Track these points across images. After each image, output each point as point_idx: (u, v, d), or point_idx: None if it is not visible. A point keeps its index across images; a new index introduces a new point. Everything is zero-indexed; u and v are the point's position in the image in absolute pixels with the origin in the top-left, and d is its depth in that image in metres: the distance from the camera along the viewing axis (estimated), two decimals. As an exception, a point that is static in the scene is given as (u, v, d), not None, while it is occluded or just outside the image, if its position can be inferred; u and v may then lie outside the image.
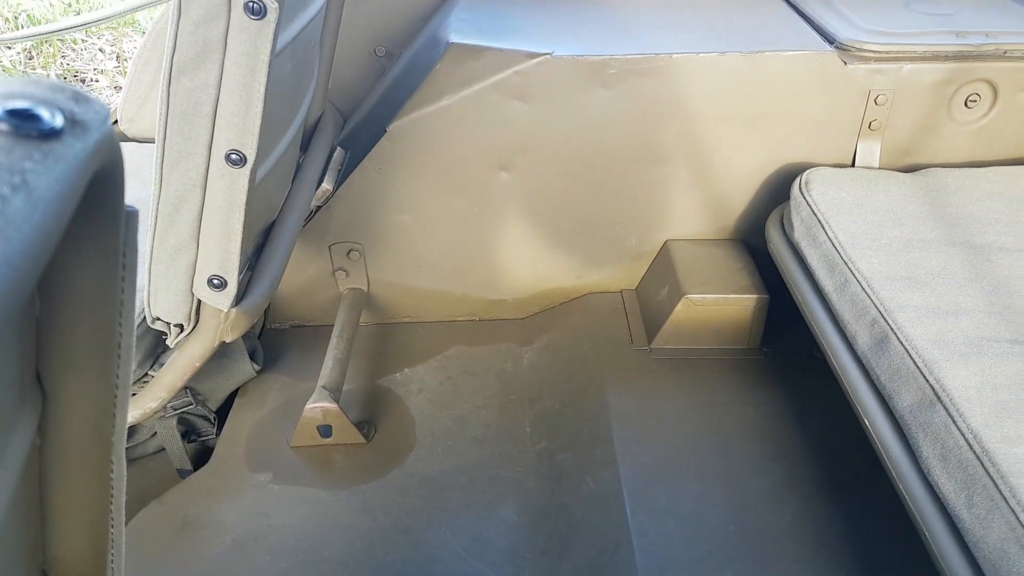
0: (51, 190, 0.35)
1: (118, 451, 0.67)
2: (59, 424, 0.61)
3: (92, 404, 0.62)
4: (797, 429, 1.62)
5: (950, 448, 1.02)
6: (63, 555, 0.67)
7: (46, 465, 0.62)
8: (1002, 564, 0.89)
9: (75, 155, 0.36)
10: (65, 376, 0.60)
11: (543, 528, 1.50)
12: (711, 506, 1.47)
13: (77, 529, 0.67)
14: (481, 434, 1.73)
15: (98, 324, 0.60)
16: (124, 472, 0.69)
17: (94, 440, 0.64)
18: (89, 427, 0.62)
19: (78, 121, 0.37)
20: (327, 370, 1.68)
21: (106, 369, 0.61)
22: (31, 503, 0.63)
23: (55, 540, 0.66)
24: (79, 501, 0.65)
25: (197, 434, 1.73)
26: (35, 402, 0.59)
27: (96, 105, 0.38)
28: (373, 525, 1.49)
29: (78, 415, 0.61)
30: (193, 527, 1.47)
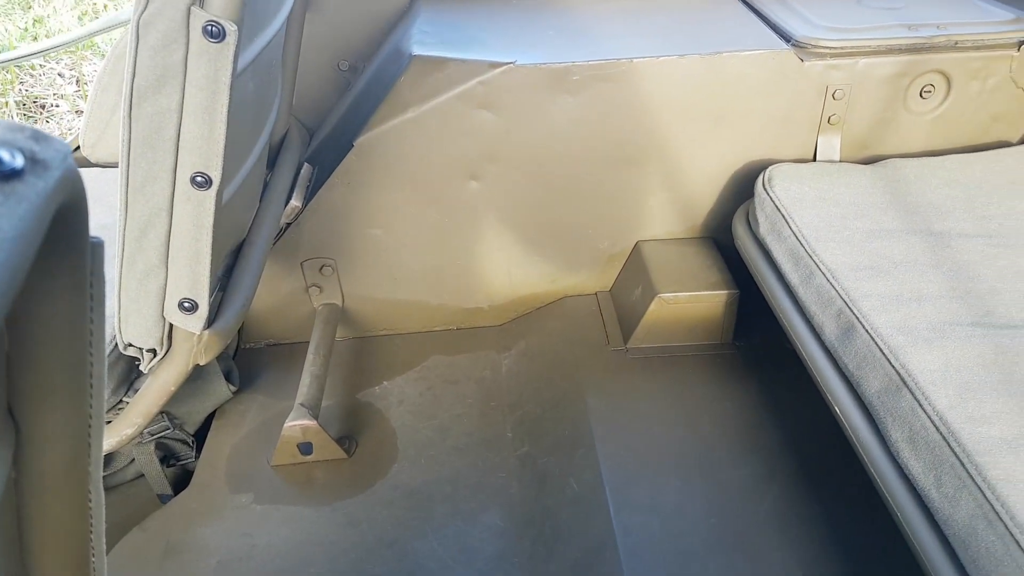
0: (15, 229, 0.35)
1: (95, 481, 0.67)
2: (34, 457, 0.61)
3: (66, 435, 0.62)
4: (772, 421, 1.65)
5: (917, 431, 1.04)
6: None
7: (23, 498, 0.63)
8: (971, 540, 0.92)
9: (37, 194, 0.37)
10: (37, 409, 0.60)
11: (528, 533, 1.51)
12: (692, 500, 1.49)
13: (58, 561, 0.67)
14: (463, 443, 1.74)
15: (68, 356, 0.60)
16: (103, 501, 0.70)
17: (71, 471, 0.64)
18: (65, 458, 0.63)
19: (39, 160, 0.38)
20: (304, 387, 1.68)
21: (79, 400, 0.62)
22: (10, 537, 0.63)
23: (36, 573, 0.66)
24: (59, 533, 0.65)
25: (176, 458, 1.72)
26: (7, 436, 0.59)
27: (56, 143, 0.38)
28: (358, 539, 1.49)
29: (53, 447, 0.61)
30: (176, 552, 1.46)
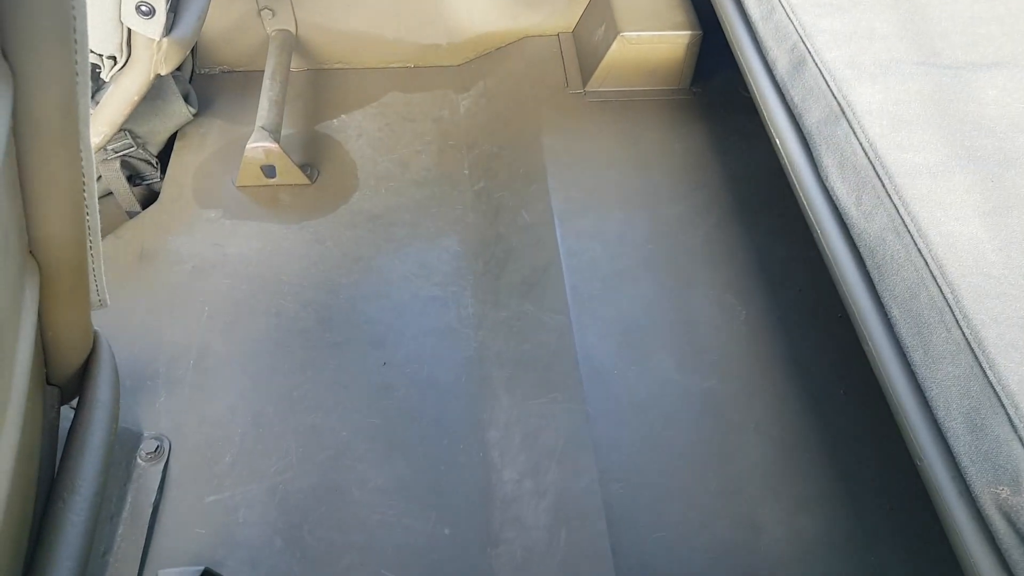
0: None
1: (85, 139, 0.72)
2: (29, 104, 0.65)
3: (56, 85, 0.65)
4: (718, 161, 1.75)
5: (848, 156, 1.14)
6: (47, 237, 0.74)
7: (22, 146, 0.67)
8: (879, 248, 1.05)
9: None
10: (28, 53, 0.63)
11: (482, 254, 1.63)
12: (633, 229, 1.61)
13: (56, 211, 0.73)
14: (422, 177, 1.80)
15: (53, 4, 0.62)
16: (93, 162, 0.75)
17: (63, 123, 0.68)
18: (57, 108, 0.66)
19: None
20: (263, 111, 1.69)
21: (65, 50, 0.64)
22: (13, 185, 0.68)
23: (38, 222, 0.73)
24: (55, 183, 0.71)
25: (141, 178, 1.75)
26: (6, 78, 0.62)
27: None
28: (325, 254, 1.60)
29: (45, 95, 0.65)
30: (151, 257, 1.55)
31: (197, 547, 1.20)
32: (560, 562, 1.17)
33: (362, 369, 1.42)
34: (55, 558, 0.73)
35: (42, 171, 0.69)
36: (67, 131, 0.68)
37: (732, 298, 1.50)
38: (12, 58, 0.62)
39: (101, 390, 0.85)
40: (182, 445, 1.30)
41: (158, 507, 1.23)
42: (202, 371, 1.39)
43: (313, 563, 1.19)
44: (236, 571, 1.18)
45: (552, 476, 1.27)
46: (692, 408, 1.34)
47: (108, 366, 0.88)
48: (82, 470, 0.79)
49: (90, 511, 0.78)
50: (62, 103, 0.66)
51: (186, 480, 1.27)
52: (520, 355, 1.44)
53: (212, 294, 1.50)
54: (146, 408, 1.34)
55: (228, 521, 1.23)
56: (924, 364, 0.92)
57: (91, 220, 0.77)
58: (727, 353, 1.41)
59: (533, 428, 1.33)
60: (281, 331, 1.47)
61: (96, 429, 0.83)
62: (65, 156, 0.70)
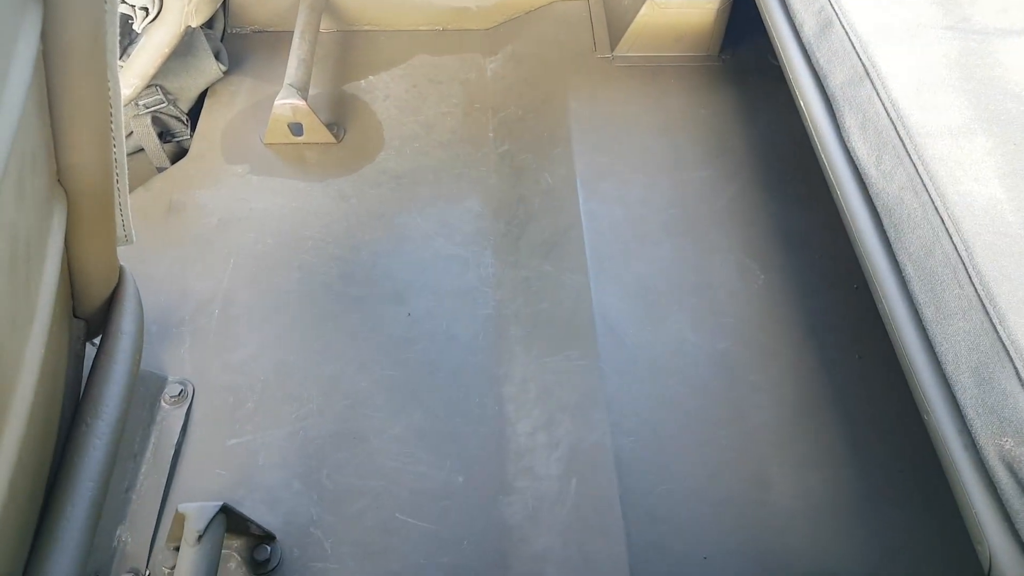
0: None
1: (112, 70, 0.74)
2: (58, 30, 0.67)
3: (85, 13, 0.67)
4: (743, 127, 1.74)
5: (870, 117, 1.13)
6: (74, 164, 0.76)
7: (51, 71, 0.69)
8: (896, 208, 1.04)
9: None
10: None
11: (504, 215, 1.64)
12: (655, 194, 1.62)
13: (83, 139, 0.75)
14: (447, 139, 1.81)
15: None
16: (120, 94, 0.77)
17: (91, 51, 0.70)
18: (85, 37, 0.69)
19: None
20: (292, 69, 1.71)
21: None
22: (42, 109, 0.71)
23: (66, 149, 0.75)
24: (82, 111, 0.73)
25: (172, 135, 1.79)
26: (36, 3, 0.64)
27: None
28: (349, 211, 1.62)
29: (74, 23, 0.67)
30: (180, 210, 1.59)
31: (218, 487, 1.24)
32: (570, 510, 1.19)
33: (382, 323, 1.45)
34: (77, 478, 0.77)
35: (70, 97, 0.72)
36: (95, 59, 0.70)
37: (751, 262, 1.50)
38: None
39: (126, 321, 0.88)
40: (205, 390, 1.34)
41: (180, 448, 1.27)
42: (226, 320, 1.43)
43: (330, 505, 1.23)
44: (254, 510, 1.22)
45: (565, 429, 1.29)
46: (706, 368, 1.35)
47: (133, 299, 0.92)
48: (105, 396, 0.82)
49: (112, 435, 0.82)
50: (90, 31, 0.68)
51: (208, 424, 1.31)
52: (538, 314, 1.45)
53: (238, 247, 1.54)
54: (171, 354, 1.38)
55: (248, 463, 1.27)
56: (935, 320, 0.92)
57: (117, 152, 0.80)
58: (743, 316, 1.42)
59: (548, 384, 1.35)
60: (304, 284, 1.50)
61: (120, 358, 0.86)
62: (93, 84, 0.72)
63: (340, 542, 1.19)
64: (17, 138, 0.57)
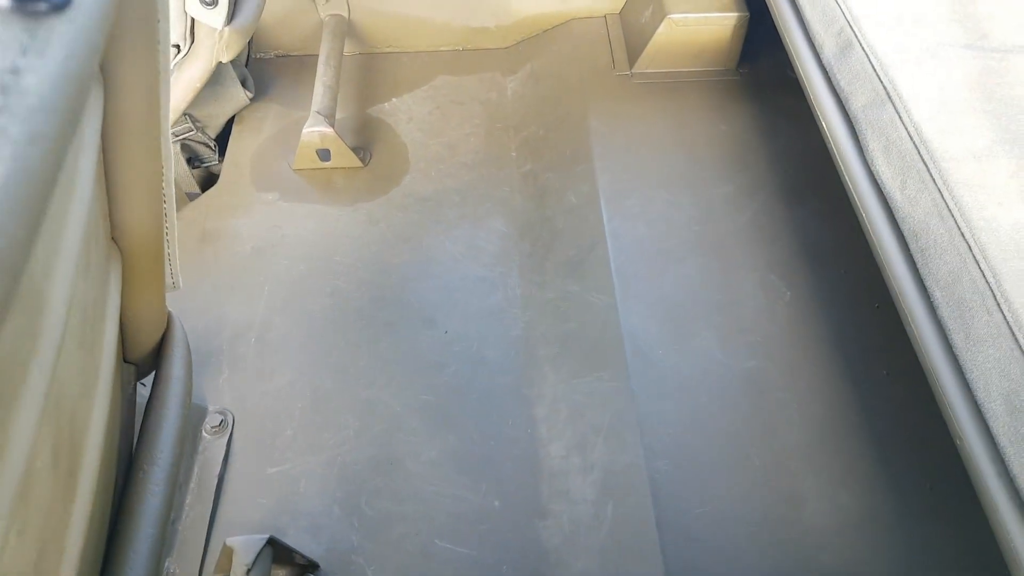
0: None
1: (165, 132, 0.77)
2: (118, 103, 0.70)
3: (141, 85, 0.71)
4: (763, 142, 1.75)
5: (893, 141, 1.14)
6: (129, 224, 0.80)
7: (108, 142, 0.73)
8: (922, 233, 1.06)
9: None
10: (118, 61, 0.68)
11: (529, 235, 1.67)
12: (678, 211, 1.63)
13: (138, 200, 0.79)
14: (470, 159, 1.84)
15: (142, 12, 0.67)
16: (172, 154, 0.80)
17: (147, 120, 0.73)
18: (142, 107, 0.72)
19: None
20: (318, 96, 1.74)
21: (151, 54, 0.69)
22: (100, 177, 0.74)
23: (121, 210, 0.78)
24: (138, 174, 0.77)
25: (200, 160, 1.83)
26: (98, 84, 0.67)
27: None
28: (378, 235, 1.65)
29: (131, 94, 0.70)
30: (213, 238, 1.62)
31: (260, 516, 1.28)
32: (607, 534, 1.22)
33: (414, 346, 1.48)
34: (138, 525, 0.80)
35: (126, 164, 0.75)
36: (150, 126, 0.73)
37: (776, 279, 1.51)
38: (104, 66, 0.68)
39: (176, 366, 0.91)
40: (245, 419, 1.38)
41: (223, 478, 1.30)
42: (263, 348, 1.47)
43: (369, 532, 1.26)
44: (297, 539, 1.25)
45: (598, 452, 1.31)
46: (735, 387, 1.37)
47: (182, 344, 0.95)
48: (160, 442, 0.85)
49: (168, 480, 0.85)
50: (147, 102, 0.71)
51: (249, 452, 1.34)
52: (566, 334, 1.48)
53: (271, 274, 1.57)
54: (210, 383, 1.41)
55: (289, 491, 1.30)
56: (965, 347, 0.93)
57: (168, 208, 0.83)
58: (770, 333, 1.43)
59: (579, 405, 1.38)
60: (337, 310, 1.53)
61: (172, 403, 0.89)
62: (148, 149, 0.75)
63: (382, 569, 1.23)
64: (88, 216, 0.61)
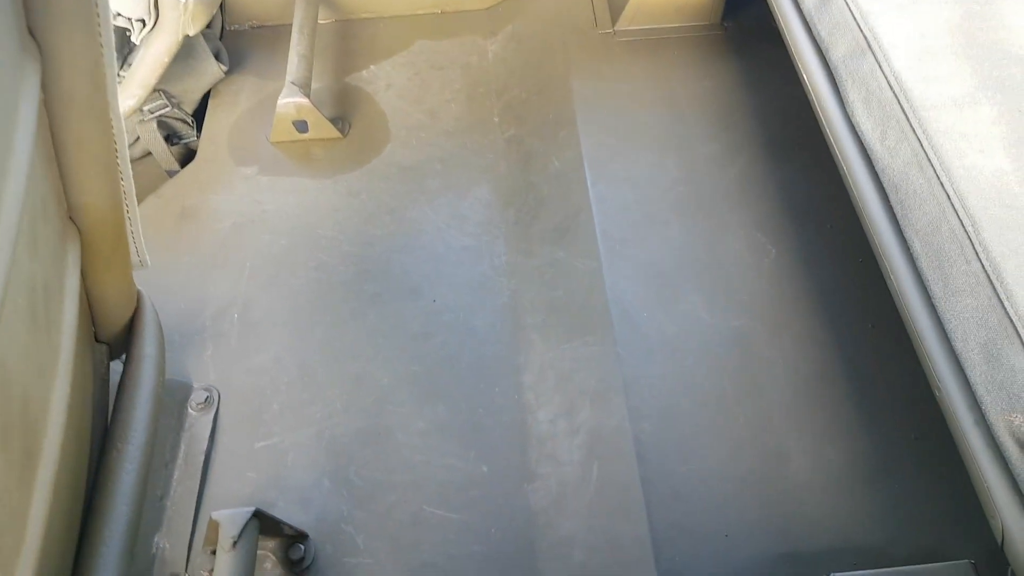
0: None
1: (115, 108, 0.76)
2: (58, 77, 0.68)
3: (83, 58, 0.69)
4: (748, 98, 1.72)
5: (873, 91, 1.12)
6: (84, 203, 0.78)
7: (54, 118, 0.71)
8: (902, 183, 1.04)
9: None
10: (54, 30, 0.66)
11: (514, 203, 1.65)
12: (663, 172, 1.61)
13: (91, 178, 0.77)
14: (452, 126, 1.81)
15: None
16: (124, 130, 0.79)
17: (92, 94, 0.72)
18: (85, 80, 0.70)
19: None
20: (293, 66, 1.71)
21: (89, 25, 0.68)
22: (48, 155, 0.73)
23: (75, 189, 0.77)
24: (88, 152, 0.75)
25: (178, 137, 1.81)
26: (34, 54, 0.66)
27: None
28: (360, 207, 1.63)
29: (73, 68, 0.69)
30: (193, 215, 1.61)
31: (249, 490, 1.28)
32: (593, 494, 1.22)
33: (400, 318, 1.47)
34: (112, 503, 0.80)
35: (75, 141, 0.73)
36: (96, 102, 0.72)
37: (762, 237, 1.50)
38: (39, 36, 0.66)
39: (147, 345, 0.91)
40: (231, 395, 1.37)
41: (210, 454, 1.30)
42: (247, 324, 1.46)
43: (359, 501, 1.26)
44: (287, 511, 1.25)
45: (585, 415, 1.31)
46: (721, 346, 1.36)
47: (152, 323, 0.94)
48: (133, 421, 0.85)
49: (142, 459, 0.85)
50: (90, 76, 0.70)
51: (236, 428, 1.34)
52: (552, 301, 1.47)
53: (253, 249, 1.56)
54: (194, 361, 1.41)
55: (277, 465, 1.30)
56: (943, 297, 0.92)
57: (126, 186, 0.82)
58: (756, 292, 1.42)
59: (566, 370, 1.37)
60: (321, 284, 1.52)
61: (144, 382, 0.89)
62: (96, 126, 0.74)
63: (372, 537, 1.23)
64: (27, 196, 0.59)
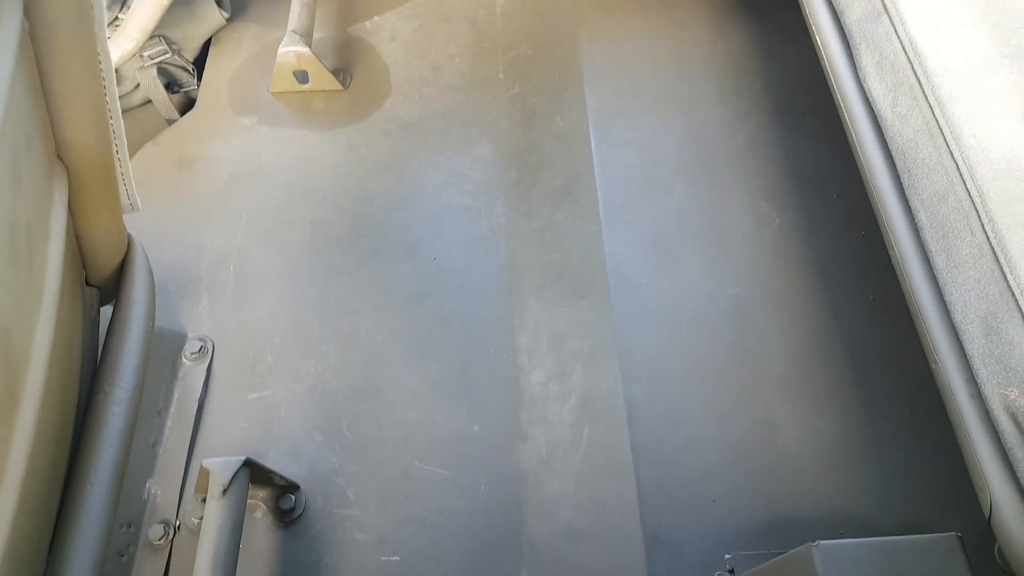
0: None
1: (102, 43, 0.73)
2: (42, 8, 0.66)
3: None
4: (761, 61, 1.68)
5: (887, 56, 1.09)
6: (72, 140, 0.77)
7: (40, 50, 0.69)
8: (911, 152, 1.02)
9: None
10: None
11: (515, 163, 1.63)
12: (669, 136, 1.59)
13: (79, 114, 0.75)
14: (456, 82, 1.78)
15: None
16: (112, 66, 0.76)
17: (78, 27, 0.69)
18: (70, 11, 0.68)
19: None
20: (295, 14, 1.68)
21: None
22: (34, 89, 0.71)
23: (62, 125, 0.75)
24: (75, 87, 0.73)
25: (179, 85, 1.78)
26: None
27: None
28: (359, 162, 1.61)
29: None
30: (191, 164, 1.59)
31: (241, 440, 1.28)
32: (582, 456, 1.22)
33: (397, 276, 1.46)
34: (99, 444, 0.80)
35: (61, 74, 0.71)
36: (83, 33, 0.69)
37: (766, 205, 1.47)
38: None
39: (136, 289, 0.90)
40: (225, 346, 1.37)
41: (203, 403, 1.30)
42: (242, 276, 1.45)
43: (351, 455, 1.27)
44: (278, 462, 1.26)
45: (577, 378, 1.30)
46: (718, 314, 1.35)
47: (143, 267, 0.93)
48: (121, 364, 0.84)
49: (130, 402, 0.84)
50: (75, 5, 0.67)
51: (230, 379, 1.34)
52: (550, 264, 1.45)
53: (250, 202, 1.54)
54: (189, 311, 1.40)
55: (270, 417, 1.30)
56: (946, 268, 0.90)
57: (115, 125, 0.80)
58: (757, 260, 1.40)
59: (560, 333, 1.36)
60: (317, 238, 1.50)
61: (133, 326, 0.88)
62: (83, 59, 0.71)
63: (362, 489, 1.23)
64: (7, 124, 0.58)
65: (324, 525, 1.20)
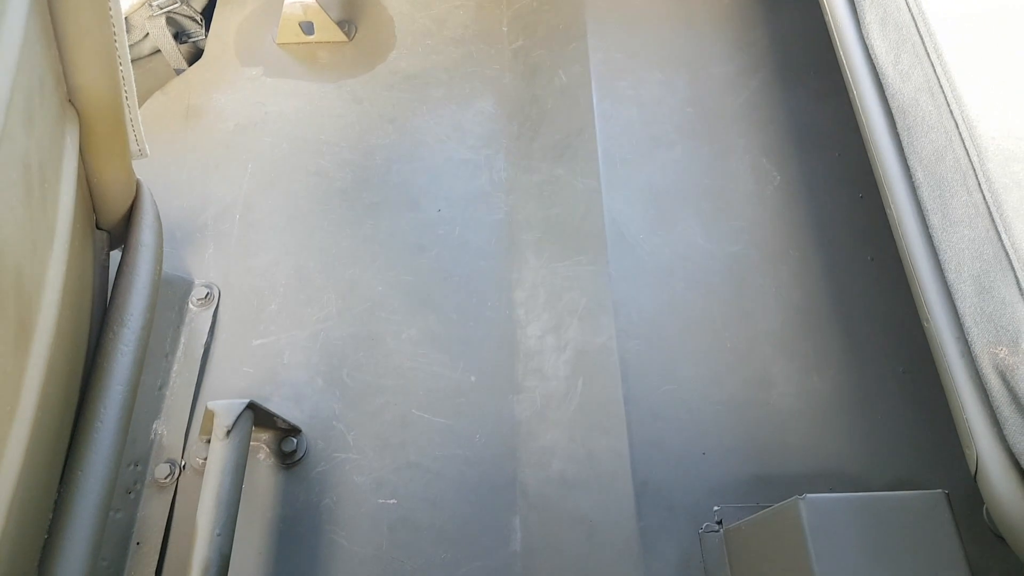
0: None
1: None
2: None
3: None
4: (768, 17, 1.67)
5: (891, 12, 1.09)
6: (83, 85, 0.78)
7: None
8: (911, 109, 1.02)
9: None
10: None
11: (517, 117, 1.63)
12: (672, 92, 1.58)
13: (90, 60, 0.76)
14: (459, 34, 1.77)
15: None
16: (122, 14, 0.77)
17: None
18: None
19: None
20: (302, -35, 1.67)
21: None
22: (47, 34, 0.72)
23: (73, 70, 0.76)
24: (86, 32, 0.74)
25: (187, 35, 1.77)
26: None
27: None
28: (362, 114, 1.62)
29: None
30: (197, 114, 1.60)
31: (246, 384, 1.31)
32: (576, 408, 1.25)
33: (398, 228, 1.47)
34: (109, 381, 0.82)
35: (74, 20, 0.72)
36: None
37: (767, 163, 1.48)
38: None
39: (145, 234, 0.92)
40: (230, 293, 1.39)
41: (209, 348, 1.33)
42: (247, 225, 1.47)
43: (351, 401, 1.30)
44: (281, 406, 1.29)
45: (572, 332, 1.32)
46: (715, 272, 1.36)
47: (151, 212, 0.95)
48: (129, 306, 0.87)
49: (138, 341, 0.86)
50: None
51: (235, 325, 1.36)
52: (549, 219, 1.46)
53: (255, 152, 1.55)
54: (196, 258, 1.42)
55: (273, 362, 1.33)
56: (942, 227, 0.91)
57: (125, 72, 0.81)
58: (756, 219, 1.42)
59: (558, 288, 1.38)
60: (320, 190, 1.52)
61: (142, 270, 0.90)
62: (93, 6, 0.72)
63: (361, 435, 1.27)
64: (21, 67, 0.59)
65: (324, 468, 1.24)
